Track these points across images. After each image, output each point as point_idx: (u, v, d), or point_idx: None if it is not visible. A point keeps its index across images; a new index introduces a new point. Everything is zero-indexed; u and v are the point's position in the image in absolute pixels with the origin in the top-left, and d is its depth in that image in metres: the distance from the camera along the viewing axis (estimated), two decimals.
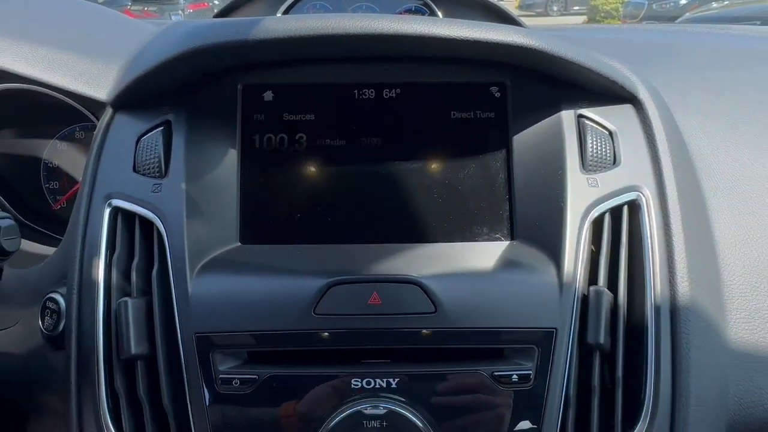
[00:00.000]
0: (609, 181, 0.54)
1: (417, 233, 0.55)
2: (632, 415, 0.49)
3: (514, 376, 0.47)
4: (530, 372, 0.47)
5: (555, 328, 0.48)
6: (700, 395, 0.49)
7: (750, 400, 0.53)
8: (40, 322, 0.55)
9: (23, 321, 0.59)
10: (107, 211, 0.53)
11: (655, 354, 0.49)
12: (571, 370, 0.48)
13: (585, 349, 0.49)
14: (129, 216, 0.53)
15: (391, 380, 0.46)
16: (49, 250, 0.67)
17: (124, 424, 0.49)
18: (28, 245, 0.69)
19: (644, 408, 0.48)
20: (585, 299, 0.50)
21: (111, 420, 0.49)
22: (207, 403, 0.47)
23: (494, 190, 0.56)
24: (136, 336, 0.49)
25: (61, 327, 0.54)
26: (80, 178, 0.64)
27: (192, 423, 0.47)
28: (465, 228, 0.56)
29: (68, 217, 0.58)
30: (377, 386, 0.46)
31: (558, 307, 0.49)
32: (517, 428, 0.46)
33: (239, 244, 0.55)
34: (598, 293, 0.50)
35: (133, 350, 0.49)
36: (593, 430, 0.48)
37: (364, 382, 0.46)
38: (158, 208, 0.52)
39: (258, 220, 0.56)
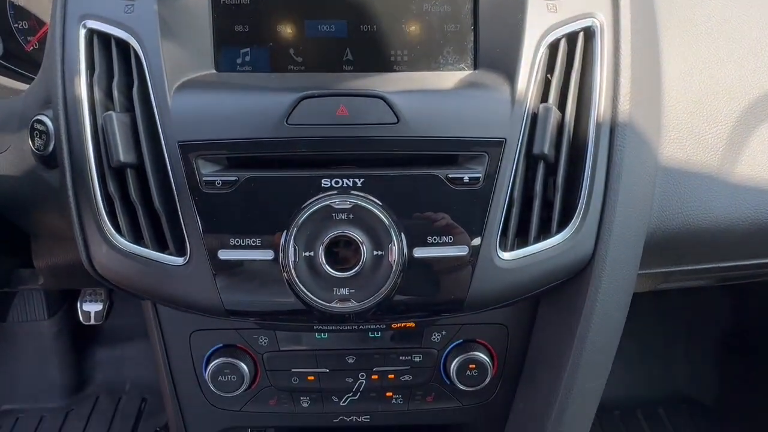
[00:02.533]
0: (567, 6, 0.57)
1: (384, 61, 0.59)
2: (568, 216, 0.56)
3: (466, 178, 0.53)
4: (480, 175, 0.53)
5: (504, 138, 0.53)
6: (627, 201, 0.56)
7: (671, 209, 0.60)
8: (30, 144, 0.58)
9: (14, 146, 0.63)
10: (82, 32, 0.55)
11: (592, 163, 0.55)
12: (517, 176, 0.54)
13: (531, 161, 0.55)
14: (105, 37, 0.55)
15: (357, 180, 0.52)
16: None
17: (121, 225, 0.54)
18: (8, 82, 0.71)
19: (578, 207, 0.55)
20: (535, 115, 0.55)
21: (109, 222, 0.54)
22: (193, 203, 0.52)
23: (460, 20, 0.59)
24: (124, 145, 0.53)
25: (51, 147, 0.57)
26: (48, 19, 0.65)
27: (182, 220, 0.53)
28: (430, 57, 0.59)
29: (42, 58, 0.59)
30: (344, 185, 0.52)
31: (509, 120, 0.54)
32: (464, 220, 0.53)
33: (214, 71, 0.58)
34: (547, 109, 0.55)
35: (122, 158, 0.53)
36: (533, 224, 0.55)
37: (332, 181, 0.52)
38: (132, 29, 0.54)
39: (232, 48, 0.58)
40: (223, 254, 0.52)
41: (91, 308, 1.43)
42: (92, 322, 1.42)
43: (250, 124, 0.52)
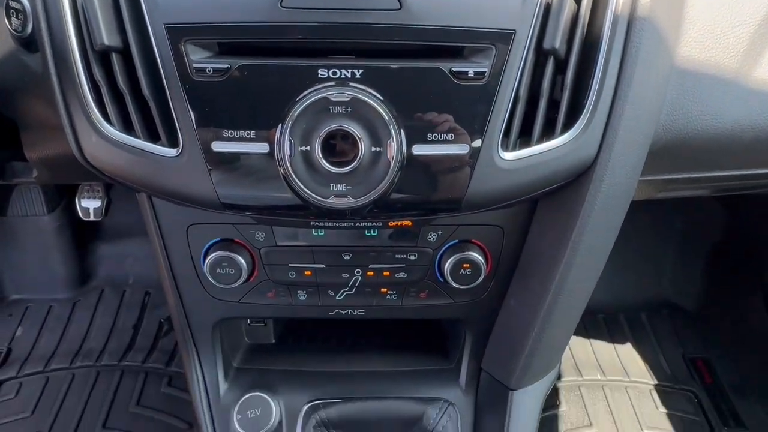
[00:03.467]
0: None
1: None
2: (573, 116, 0.54)
3: (471, 72, 0.50)
4: (485, 69, 0.50)
5: (514, 30, 0.50)
6: (637, 102, 0.54)
7: (681, 113, 0.58)
8: (6, 23, 0.54)
9: None
10: None
11: (604, 61, 0.52)
12: (524, 72, 0.51)
13: (540, 56, 0.52)
14: None
15: (356, 71, 0.49)
16: None
17: (109, 113, 0.52)
18: None
19: (585, 107, 0.53)
20: (548, 7, 0.51)
21: (97, 110, 0.52)
22: (184, 91, 0.50)
23: None
24: (106, 26, 0.50)
25: (29, 28, 0.54)
26: None
27: (173, 110, 0.51)
28: None
29: None
30: (342, 76, 0.49)
31: (520, 11, 0.50)
32: (466, 117, 0.51)
33: None
34: (561, 1, 0.51)
35: (106, 41, 0.50)
36: (537, 124, 0.53)
37: (330, 72, 0.49)
38: None
39: None
40: (217, 146, 0.50)
41: (89, 204, 1.44)
42: (92, 218, 1.44)
43: (241, 6, 0.49)
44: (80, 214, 1.44)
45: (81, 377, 1.41)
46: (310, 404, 0.71)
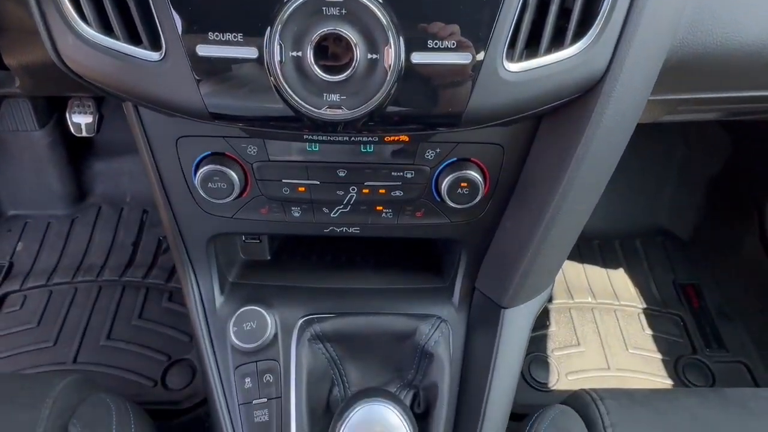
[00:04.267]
0: None
1: None
2: (584, 26, 0.50)
3: None
4: None
5: None
6: (655, 12, 0.50)
7: (701, 26, 0.54)
8: None
9: None
10: None
11: None
12: None
13: None
14: None
15: None
16: None
17: (85, 12, 0.48)
18: None
19: (599, 15, 0.49)
20: None
21: (72, 8, 0.48)
22: None
23: None
24: None
25: None
26: None
27: (153, 9, 0.47)
28: None
29: None
30: None
31: None
32: (470, 24, 0.47)
33: None
34: None
35: None
36: (546, 33, 0.49)
37: None
38: None
39: None
40: (202, 50, 0.47)
41: (80, 120, 1.40)
42: (84, 134, 1.41)
43: None
44: (72, 129, 1.41)
45: (83, 291, 1.44)
46: (304, 318, 0.72)
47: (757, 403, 0.76)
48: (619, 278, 1.53)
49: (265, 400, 0.69)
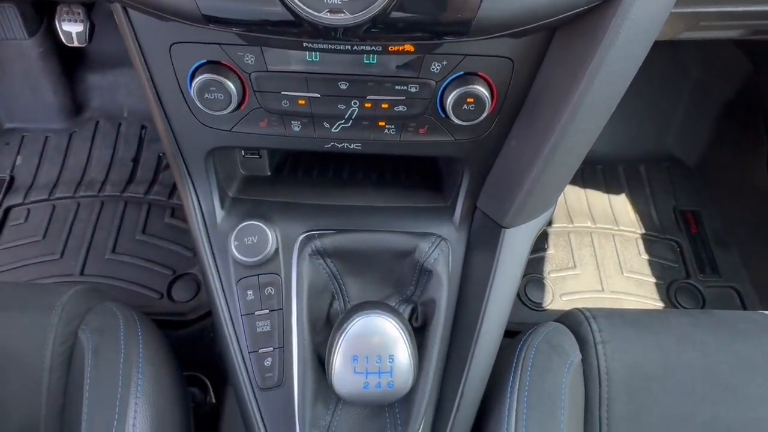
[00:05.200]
0: None
1: None
2: None
3: None
4: None
5: None
6: None
7: None
8: None
9: None
10: None
11: None
12: None
13: None
14: None
15: None
16: None
17: None
18: None
19: None
20: None
21: None
22: None
23: None
24: None
25: None
26: None
27: None
28: None
29: None
30: None
31: None
32: None
33: None
34: None
35: None
36: None
37: None
38: None
39: None
40: None
41: (71, 28, 1.33)
42: (75, 44, 1.34)
43: None
44: (63, 39, 1.35)
45: (86, 206, 1.45)
46: (305, 234, 0.72)
47: (746, 325, 0.79)
48: (620, 203, 1.53)
49: (267, 311, 0.70)
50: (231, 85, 0.59)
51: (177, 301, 1.29)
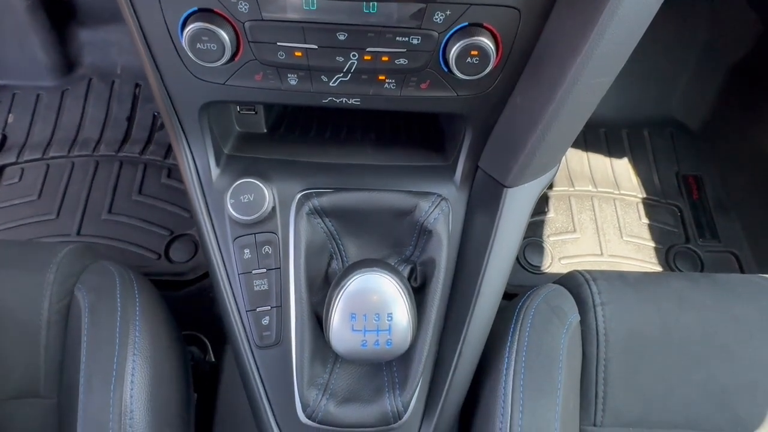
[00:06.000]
0: None
1: None
2: None
3: None
4: None
5: None
6: None
7: None
8: None
9: None
10: None
11: None
12: None
13: None
14: None
15: None
16: None
17: None
18: None
19: None
20: None
21: None
22: None
23: None
24: None
25: None
26: None
27: None
28: None
29: None
30: None
31: None
32: None
33: None
34: None
35: None
36: None
37: None
38: None
39: None
40: None
41: None
42: None
43: None
44: None
45: (81, 166, 1.43)
46: (303, 192, 0.71)
47: (745, 288, 0.78)
48: (623, 168, 1.52)
49: (264, 270, 0.70)
50: (224, 35, 0.56)
51: (175, 262, 1.29)
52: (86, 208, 1.37)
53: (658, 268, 1.35)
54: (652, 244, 1.39)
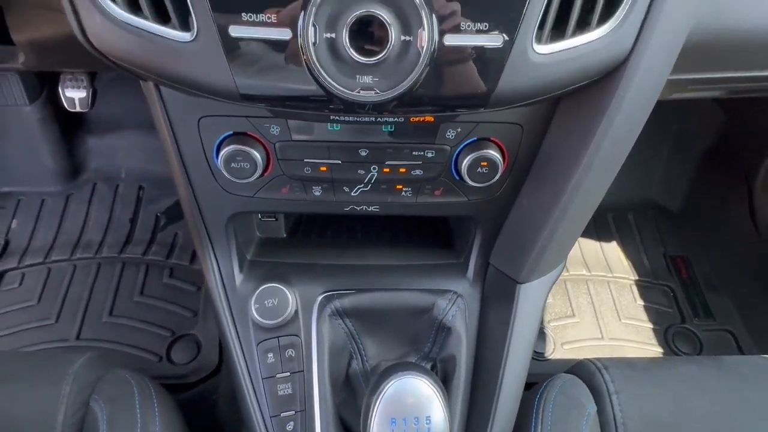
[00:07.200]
0: None
1: None
2: (611, 7, 0.51)
3: None
4: None
5: None
6: None
7: (718, 9, 0.55)
8: None
9: None
10: None
11: None
12: None
13: None
14: None
15: None
16: None
17: None
18: None
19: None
20: None
21: None
22: None
23: None
24: None
25: None
26: None
27: None
28: None
29: None
30: None
31: None
32: (502, 6, 0.47)
33: None
34: None
35: None
36: (573, 16, 0.50)
37: None
38: None
39: None
40: (235, 31, 0.47)
41: (74, 94, 1.37)
42: (77, 108, 1.38)
43: None
44: (65, 104, 1.38)
45: (82, 269, 1.43)
46: (324, 295, 0.74)
47: (750, 370, 0.81)
48: (612, 251, 1.57)
49: (288, 374, 0.70)
50: (257, 155, 0.61)
51: (177, 364, 1.27)
52: (87, 311, 1.36)
53: (659, 350, 1.37)
54: (650, 325, 1.42)
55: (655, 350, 1.36)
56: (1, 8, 0.65)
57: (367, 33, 0.47)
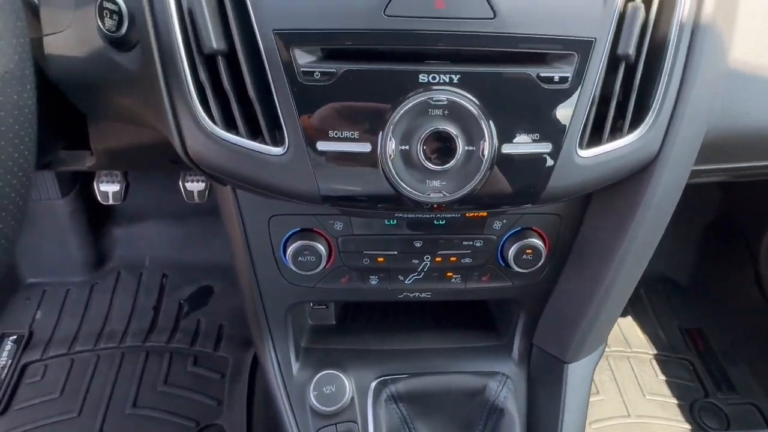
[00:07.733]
0: None
1: None
2: (640, 115, 0.59)
3: (556, 77, 0.54)
4: (569, 75, 0.55)
5: (594, 38, 0.55)
6: (697, 103, 0.59)
7: (733, 111, 0.64)
8: (99, 24, 0.56)
9: (75, 24, 0.60)
10: None
11: (671, 65, 0.58)
12: (600, 76, 0.56)
13: (613, 60, 0.57)
14: None
15: (453, 76, 0.53)
16: None
17: (213, 113, 0.55)
18: None
19: (652, 107, 0.58)
20: (622, 15, 0.56)
21: (202, 109, 0.55)
22: (291, 94, 0.53)
23: None
24: (215, 31, 0.52)
25: (124, 28, 0.55)
26: None
27: (279, 111, 0.54)
28: None
29: None
30: (441, 81, 0.53)
31: (599, 19, 0.55)
32: (551, 118, 0.55)
33: None
34: (636, 8, 0.55)
35: (214, 45, 0.52)
36: (608, 124, 0.58)
37: (430, 77, 0.53)
38: None
39: None
40: (322, 146, 0.54)
41: (108, 189, 1.44)
42: (110, 202, 1.44)
43: (347, 13, 0.52)
44: (99, 198, 1.45)
45: (106, 359, 1.43)
46: (378, 380, 0.76)
47: None
48: (629, 326, 1.60)
49: None
50: (321, 248, 0.67)
51: None
52: (110, 403, 1.34)
53: (688, 426, 1.36)
54: (674, 400, 1.42)
55: (683, 427, 1.36)
56: (84, 117, 0.73)
57: (436, 144, 0.54)
